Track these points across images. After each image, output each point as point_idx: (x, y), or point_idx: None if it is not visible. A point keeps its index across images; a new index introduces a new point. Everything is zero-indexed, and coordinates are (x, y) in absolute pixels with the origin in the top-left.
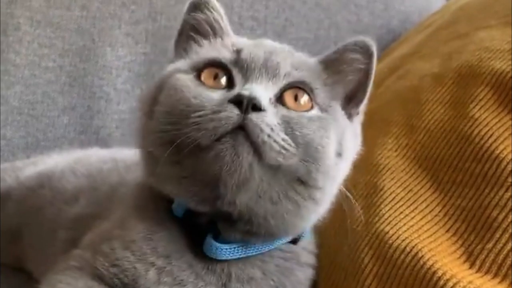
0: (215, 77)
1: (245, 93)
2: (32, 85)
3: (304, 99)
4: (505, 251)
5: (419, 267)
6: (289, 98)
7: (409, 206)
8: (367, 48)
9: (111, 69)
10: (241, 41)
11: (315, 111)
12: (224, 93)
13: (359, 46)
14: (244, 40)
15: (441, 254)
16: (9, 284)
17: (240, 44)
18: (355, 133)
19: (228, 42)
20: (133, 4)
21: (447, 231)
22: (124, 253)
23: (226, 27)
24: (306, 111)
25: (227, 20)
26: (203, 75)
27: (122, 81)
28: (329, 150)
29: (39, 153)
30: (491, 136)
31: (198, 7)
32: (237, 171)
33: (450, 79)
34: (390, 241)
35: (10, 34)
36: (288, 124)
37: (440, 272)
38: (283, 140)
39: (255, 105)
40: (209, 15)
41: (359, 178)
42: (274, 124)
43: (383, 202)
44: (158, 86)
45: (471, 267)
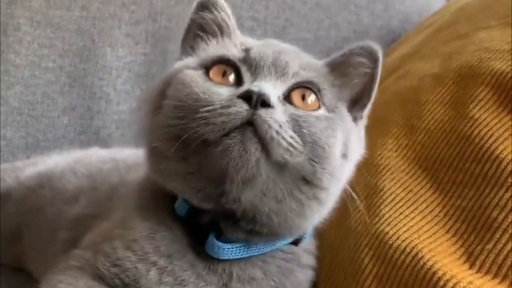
0: (224, 74)
1: (254, 89)
2: (32, 85)
3: (312, 98)
4: (505, 252)
5: (419, 267)
6: (296, 97)
7: (409, 207)
8: (373, 53)
9: (111, 69)
10: (249, 40)
11: (322, 111)
12: (232, 89)
13: (366, 50)
14: (251, 40)
15: (441, 255)
16: (9, 284)
17: (248, 43)
18: (360, 136)
19: (236, 41)
20: (133, 5)
21: (447, 232)
22: (125, 253)
23: (233, 26)
24: (313, 110)
25: (234, 20)
26: (212, 72)
27: (122, 82)
28: (335, 150)
29: (39, 153)
30: (491, 136)
31: (206, 6)
32: (244, 167)
33: (450, 80)
34: (390, 242)
35: (10, 35)
36: (296, 122)
37: (440, 273)
38: (291, 137)
39: (264, 101)
40: (217, 14)
41: (359, 178)
42: (283, 121)
43: (383, 202)
44: (166, 81)
45: (471, 267)
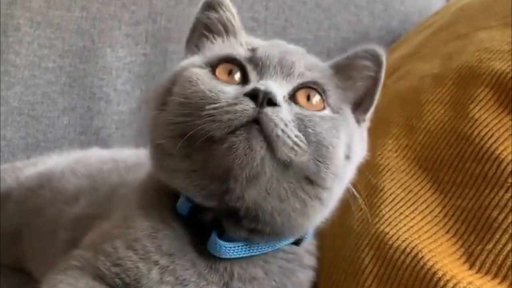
0: (229, 73)
1: (261, 87)
2: (32, 86)
3: (316, 99)
4: (505, 252)
5: (419, 267)
6: (302, 97)
7: (409, 207)
8: (378, 57)
9: (111, 70)
10: (254, 40)
11: (327, 111)
12: (238, 88)
13: (370, 54)
14: (257, 40)
15: (441, 255)
16: (9, 284)
17: (254, 43)
18: (362, 138)
19: (242, 40)
20: (133, 5)
21: (447, 232)
22: (126, 252)
23: (238, 26)
24: (318, 110)
25: (239, 20)
26: (218, 71)
27: (122, 82)
28: (339, 151)
29: (39, 153)
30: (491, 136)
31: (212, 6)
32: (249, 164)
33: (450, 80)
34: (390, 242)
35: (10, 35)
36: (301, 121)
37: (440, 273)
38: (296, 136)
39: (270, 100)
40: (222, 14)
41: (359, 178)
42: (288, 120)
43: (383, 202)
44: (171, 79)
45: (471, 267)
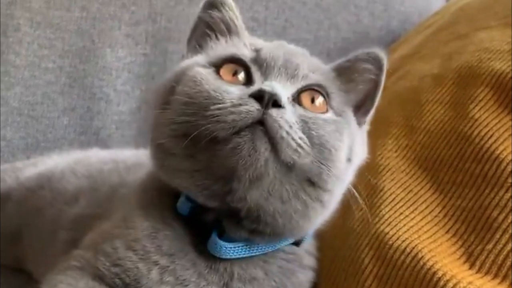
0: (234, 73)
1: (266, 88)
2: (32, 86)
3: (320, 101)
4: (505, 252)
5: (419, 267)
6: (306, 99)
7: (409, 207)
8: (379, 60)
9: (111, 70)
10: (257, 41)
11: (330, 114)
12: (243, 88)
13: (372, 57)
14: (260, 41)
15: (441, 255)
16: (9, 285)
17: (257, 43)
18: (363, 140)
19: (245, 41)
20: (133, 5)
21: (447, 232)
22: (126, 253)
23: (241, 26)
24: (321, 113)
25: (241, 20)
26: (222, 71)
27: (122, 82)
28: (341, 153)
29: (39, 154)
30: (491, 136)
31: (215, 5)
32: (253, 165)
33: (450, 80)
34: (390, 242)
35: (10, 35)
36: (305, 123)
37: (440, 273)
38: (300, 138)
39: (275, 102)
40: (225, 14)
41: (359, 178)
42: (293, 122)
43: (383, 203)
44: (175, 77)
45: (471, 267)
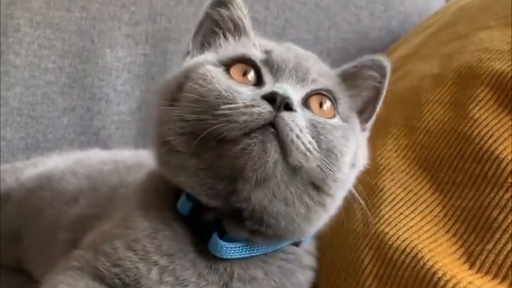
0: (244, 73)
1: (279, 91)
2: (32, 86)
3: (328, 106)
4: (505, 252)
5: (419, 267)
6: (314, 104)
7: (409, 207)
8: (383, 68)
9: (111, 70)
10: (266, 42)
11: (337, 119)
12: (254, 89)
13: (376, 64)
14: (268, 42)
15: (441, 255)
16: (9, 285)
17: (267, 45)
18: (364, 146)
19: (255, 41)
20: (133, 5)
21: (447, 232)
22: (126, 253)
23: (249, 26)
24: (329, 118)
25: (249, 20)
26: (232, 70)
27: (122, 82)
28: (347, 159)
29: (39, 154)
30: (491, 136)
31: (223, 2)
32: (261, 167)
33: (450, 80)
34: (390, 242)
35: (10, 36)
36: (315, 128)
37: (440, 273)
38: (309, 142)
39: (287, 105)
40: (234, 12)
41: (359, 178)
42: (303, 126)
43: (383, 203)
44: (184, 74)
45: (471, 267)
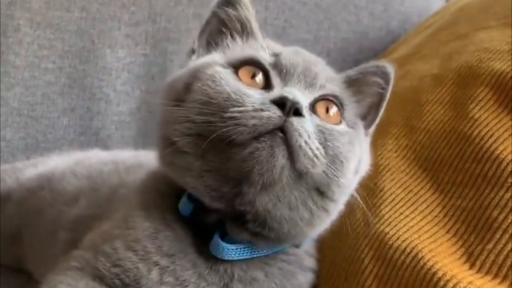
0: (252, 76)
1: (289, 96)
2: (32, 86)
3: (334, 112)
4: (505, 252)
5: (419, 267)
6: (321, 109)
7: (409, 207)
8: (387, 74)
9: (111, 70)
10: (274, 45)
11: (343, 125)
12: (262, 92)
13: (381, 70)
14: (276, 45)
15: (441, 255)
16: (9, 285)
17: (274, 47)
18: (367, 152)
19: (262, 43)
20: (133, 6)
21: (447, 232)
22: (126, 253)
23: (256, 27)
24: (335, 124)
25: (256, 22)
26: (241, 72)
27: (122, 83)
28: (351, 165)
29: (39, 154)
30: (491, 136)
31: (231, 2)
32: (268, 172)
33: (450, 80)
34: (390, 242)
35: (10, 36)
36: (322, 134)
37: (440, 273)
38: (317, 148)
39: (296, 110)
40: (241, 12)
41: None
42: (311, 132)
43: (383, 203)
44: (191, 74)
45: (471, 267)
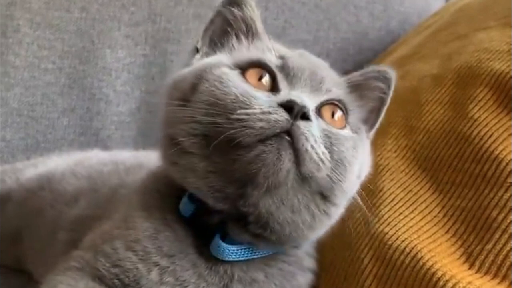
0: (259, 78)
1: (297, 100)
2: (32, 87)
3: (339, 116)
4: (504, 252)
5: (419, 267)
6: (327, 113)
7: (408, 207)
8: (389, 79)
9: (111, 70)
10: (280, 47)
11: (348, 130)
12: (270, 95)
13: (383, 75)
14: (282, 47)
15: (441, 255)
16: (9, 285)
17: (280, 50)
18: (369, 156)
19: (269, 45)
20: (133, 6)
21: (447, 232)
22: (126, 254)
23: (261, 29)
24: (340, 128)
25: (261, 23)
26: (248, 74)
27: (122, 83)
28: (354, 171)
29: (39, 154)
30: (490, 136)
31: (237, 2)
32: (274, 175)
33: (450, 80)
34: (389, 242)
35: (10, 36)
36: (328, 138)
37: (439, 273)
38: (322, 153)
39: (304, 114)
40: (247, 13)
41: None
42: (318, 136)
43: (382, 203)
44: (198, 74)
45: (470, 267)
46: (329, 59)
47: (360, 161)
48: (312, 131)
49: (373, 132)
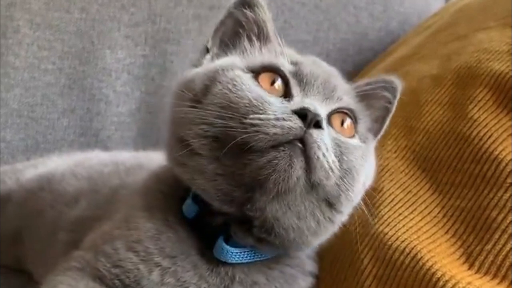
0: (272, 82)
1: (310, 107)
2: (32, 87)
3: (349, 125)
4: (504, 252)
5: (418, 268)
6: (336, 122)
7: (408, 208)
8: (395, 89)
9: (111, 71)
10: (292, 52)
11: (357, 139)
12: (283, 101)
13: (390, 85)
14: (294, 53)
15: (440, 255)
16: (9, 285)
17: (293, 56)
18: (374, 164)
19: (282, 50)
20: (133, 7)
21: (446, 232)
22: (127, 254)
23: (273, 31)
24: (349, 137)
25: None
26: (261, 78)
27: (122, 84)
28: (360, 179)
29: (39, 155)
30: (490, 137)
31: (249, 4)
32: (285, 181)
33: (449, 81)
34: (389, 242)
35: (10, 37)
36: (338, 147)
37: (439, 273)
38: (333, 162)
39: (317, 122)
40: (259, 15)
41: None
42: (329, 145)
43: (382, 203)
44: (211, 76)
45: (470, 268)
46: (329, 60)
47: (366, 170)
48: (324, 140)
49: (377, 139)
